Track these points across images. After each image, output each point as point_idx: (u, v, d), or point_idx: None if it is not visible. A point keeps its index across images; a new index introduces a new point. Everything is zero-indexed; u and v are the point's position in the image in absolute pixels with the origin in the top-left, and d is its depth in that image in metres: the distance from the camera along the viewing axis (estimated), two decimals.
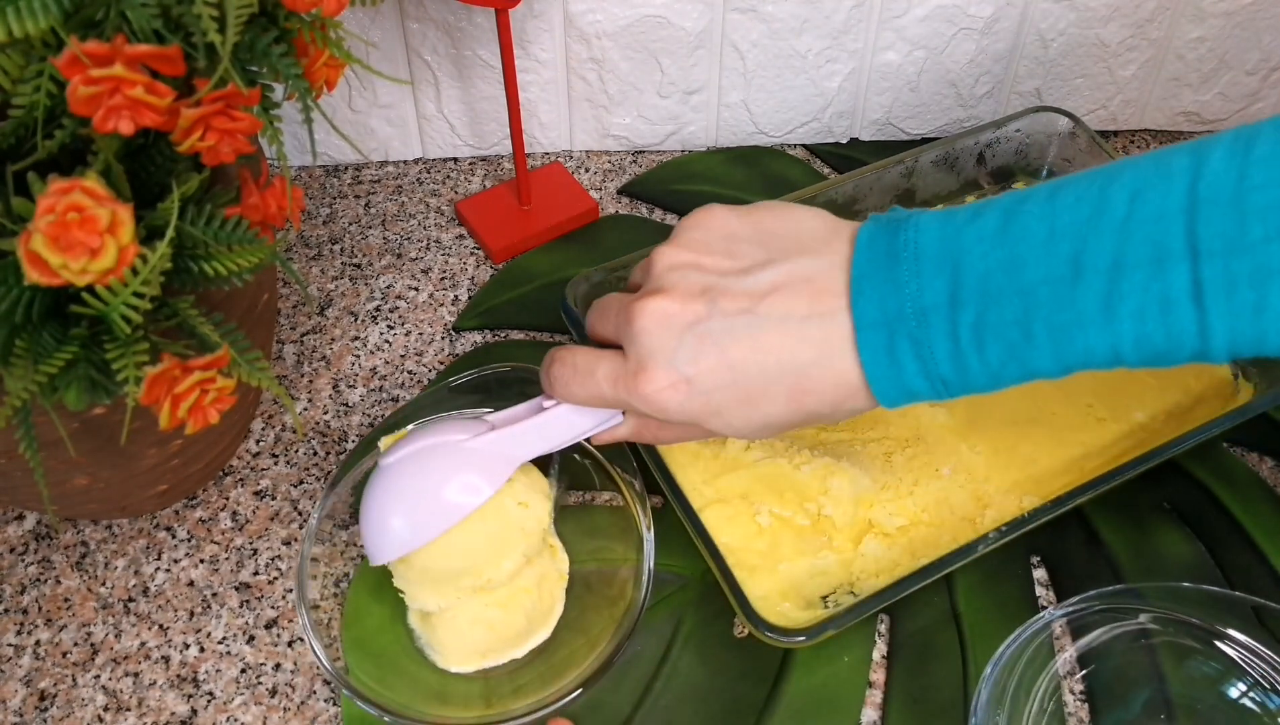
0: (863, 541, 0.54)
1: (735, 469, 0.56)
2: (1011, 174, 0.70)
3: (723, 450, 0.57)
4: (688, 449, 0.57)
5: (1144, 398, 0.59)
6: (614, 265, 0.60)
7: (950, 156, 0.68)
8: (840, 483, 0.55)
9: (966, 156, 0.69)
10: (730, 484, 0.56)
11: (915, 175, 0.67)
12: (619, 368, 0.45)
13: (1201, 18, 0.71)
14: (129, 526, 0.57)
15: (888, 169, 0.66)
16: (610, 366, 0.46)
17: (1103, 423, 0.58)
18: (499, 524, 0.50)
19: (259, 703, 0.51)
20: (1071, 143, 0.68)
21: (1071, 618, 0.51)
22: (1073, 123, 0.68)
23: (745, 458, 0.56)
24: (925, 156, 0.67)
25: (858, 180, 0.65)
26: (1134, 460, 0.53)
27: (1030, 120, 0.68)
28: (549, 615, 0.51)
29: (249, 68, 0.40)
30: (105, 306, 0.38)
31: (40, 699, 0.51)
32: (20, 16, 0.35)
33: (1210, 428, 0.54)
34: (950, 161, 0.68)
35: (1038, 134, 0.69)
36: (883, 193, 0.67)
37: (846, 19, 0.69)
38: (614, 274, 0.60)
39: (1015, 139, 0.69)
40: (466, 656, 0.49)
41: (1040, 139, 0.69)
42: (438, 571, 0.49)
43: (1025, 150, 0.69)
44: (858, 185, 0.65)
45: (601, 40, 0.69)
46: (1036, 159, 0.70)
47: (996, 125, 0.68)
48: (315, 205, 0.73)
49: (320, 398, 0.62)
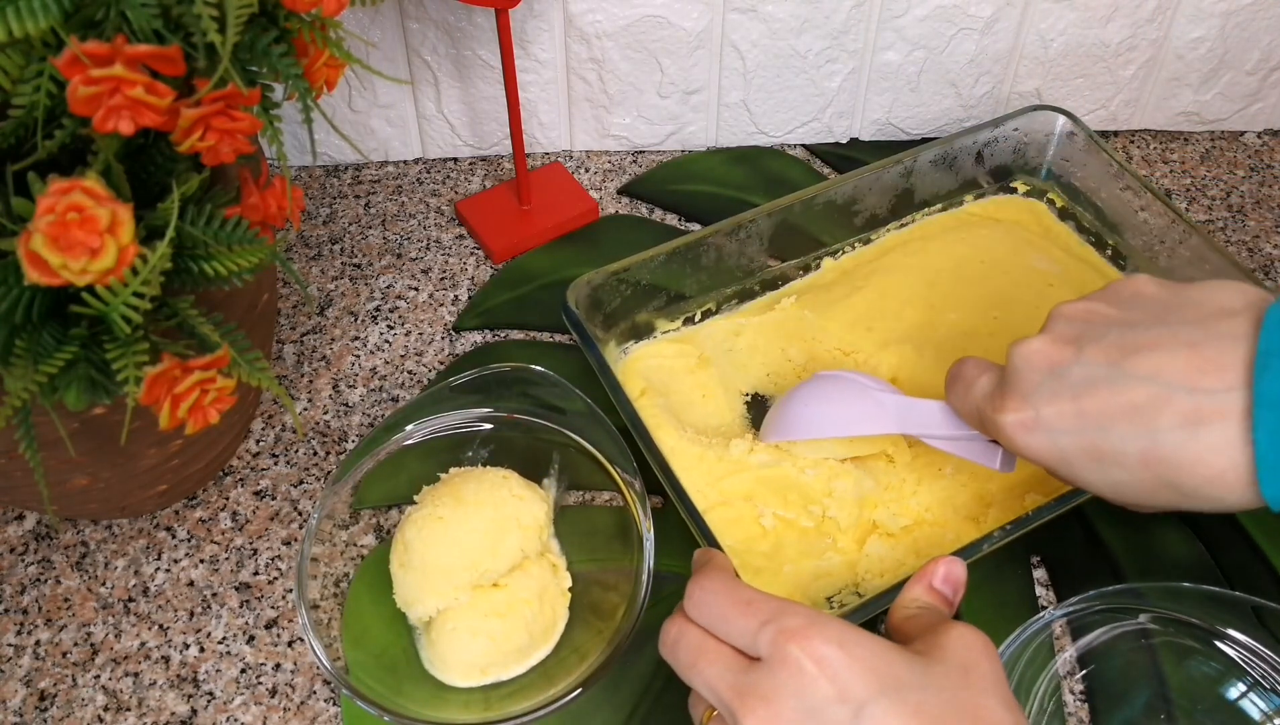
0: (867, 542, 0.54)
1: (739, 472, 0.56)
2: (1010, 173, 0.71)
3: (726, 453, 0.57)
4: (691, 452, 0.57)
5: None
6: (615, 268, 0.60)
7: (949, 156, 0.68)
8: (844, 484, 0.55)
9: (965, 156, 0.69)
10: (734, 486, 0.56)
11: (914, 175, 0.67)
12: (992, 389, 0.46)
13: (1201, 18, 0.71)
14: (129, 526, 0.57)
15: (887, 169, 0.66)
16: (985, 386, 0.47)
17: None
18: (495, 514, 0.51)
19: (259, 703, 0.51)
20: (1070, 142, 0.68)
21: (1071, 618, 0.51)
22: (1071, 122, 0.68)
23: (749, 461, 0.56)
24: (924, 156, 0.67)
25: (857, 180, 0.65)
26: None
27: (1028, 119, 0.68)
28: (550, 631, 0.51)
29: (249, 68, 0.40)
30: (105, 306, 0.38)
31: (40, 699, 0.51)
32: (20, 16, 0.35)
33: None
34: (949, 161, 0.68)
35: (1036, 133, 0.69)
36: (882, 193, 0.67)
37: (846, 19, 0.69)
38: (615, 277, 0.60)
39: (1013, 138, 0.69)
40: (468, 671, 0.49)
41: (1039, 138, 0.69)
42: (436, 567, 0.49)
43: (1023, 149, 0.70)
44: (857, 185, 0.66)
45: (601, 40, 0.69)
46: (1035, 158, 0.70)
47: (995, 124, 0.68)
48: (315, 205, 0.73)
49: (320, 398, 0.62)
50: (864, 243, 0.68)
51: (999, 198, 0.71)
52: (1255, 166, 0.76)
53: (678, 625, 0.41)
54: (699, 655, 0.39)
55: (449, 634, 0.49)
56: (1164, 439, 0.40)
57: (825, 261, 0.67)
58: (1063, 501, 0.51)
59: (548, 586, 0.51)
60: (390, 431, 0.54)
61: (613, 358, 0.61)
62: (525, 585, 0.50)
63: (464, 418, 0.56)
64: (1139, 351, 0.41)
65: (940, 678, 0.37)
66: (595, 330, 0.59)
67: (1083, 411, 0.42)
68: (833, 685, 0.36)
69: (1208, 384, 0.39)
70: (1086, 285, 0.64)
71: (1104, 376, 0.42)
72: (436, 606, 0.49)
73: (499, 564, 0.50)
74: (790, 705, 0.36)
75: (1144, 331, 0.42)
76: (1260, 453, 0.38)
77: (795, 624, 0.38)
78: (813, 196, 0.64)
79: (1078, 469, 0.43)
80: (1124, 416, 0.41)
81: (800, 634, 0.37)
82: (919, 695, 0.36)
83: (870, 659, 0.37)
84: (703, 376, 0.61)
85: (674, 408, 0.59)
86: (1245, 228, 0.72)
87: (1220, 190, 0.74)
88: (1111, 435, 0.41)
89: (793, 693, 0.37)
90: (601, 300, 0.60)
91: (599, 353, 0.56)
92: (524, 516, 0.52)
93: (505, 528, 0.51)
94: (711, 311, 0.65)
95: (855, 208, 0.67)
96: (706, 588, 0.40)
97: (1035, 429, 0.43)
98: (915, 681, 0.37)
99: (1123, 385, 0.41)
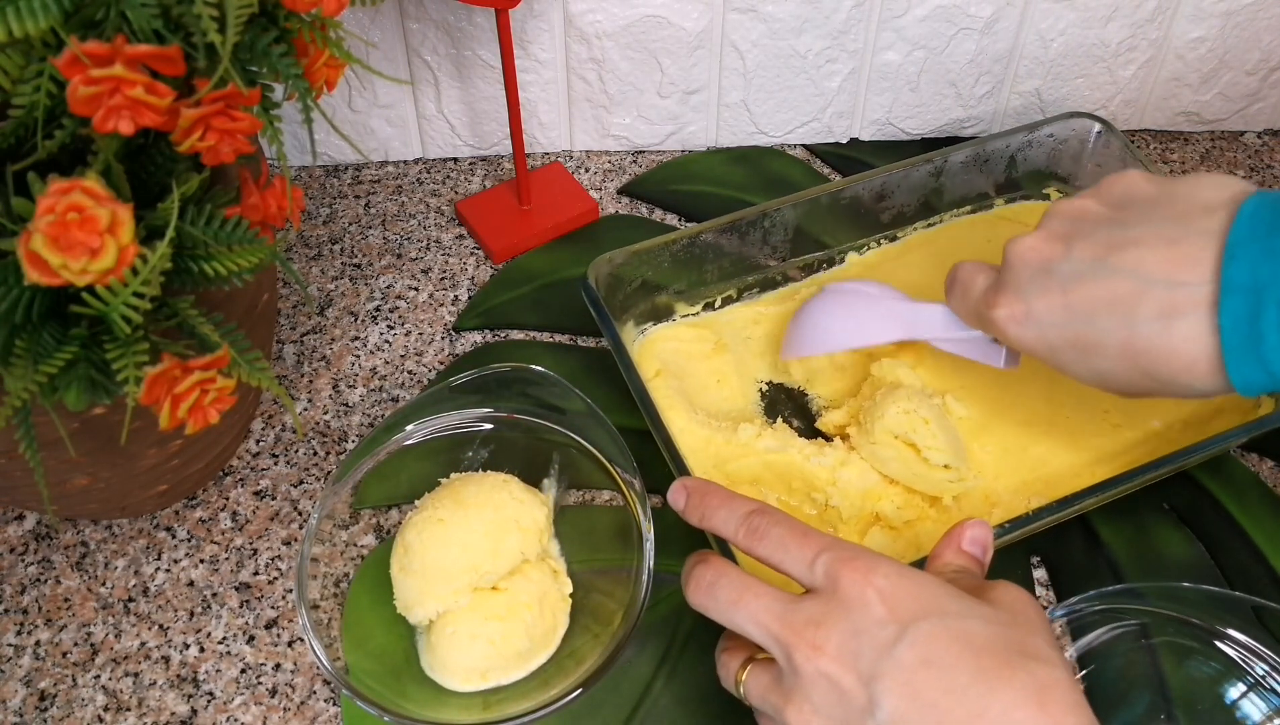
0: (868, 533, 0.54)
1: (746, 456, 0.56)
2: (1043, 179, 0.70)
3: (734, 437, 0.57)
4: (700, 434, 0.57)
5: (1162, 405, 0.59)
6: (638, 249, 0.60)
7: (981, 157, 0.67)
8: (849, 474, 0.55)
9: (998, 159, 0.68)
10: (740, 470, 0.56)
11: (944, 175, 0.67)
12: (988, 287, 0.48)
13: (1201, 18, 0.71)
14: (129, 526, 0.57)
15: (916, 166, 0.66)
16: (984, 283, 0.49)
17: (1118, 429, 0.58)
18: (495, 516, 0.51)
19: (259, 703, 0.51)
20: (1105, 150, 0.67)
21: (1071, 618, 0.51)
22: (1106, 128, 0.67)
23: (756, 446, 0.57)
24: (955, 156, 0.66)
25: (885, 176, 0.65)
26: (1146, 465, 0.52)
27: (1063, 125, 0.68)
28: (551, 636, 0.51)
29: (249, 68, 0.40)
30: (105, 306, 0.38)
31: (40, 699, 0.51)
32: (20, 16, 0.35)
33: (1227, 438, 0.53)
34: (980, 163, 0.68)
35: (1071, 139, 0.68)
36: (910, 191, 0.67)
37: (846, 19, 0.69)
38: (636, 256, 0.60)
39: (1048, 144, 0.68)
40: (468, 676, 0.49)
41: (1073, 144, 0.68)
42: (436, 568, 0.49)
43: (1058, 155, 0.69)
44: (885, 182, 0.65)
45: (601, 40, 0.69)
46: (1069, 164, 0.69)
47: (1029, 129, 0.67)
48: (315, 205, 0.73)
49: (320, 398, 0.62)
50: (890, 240, 0.68)
51: (1030, 203, 0.70)
52: (1255, 166, 0.76)
53: (713, 568, 0.42)
54: (744, 591, 0.40)
55: (448, 638, 0.49)
56: (1141, 330, 0.42)
57: (850, 256, 0.67)
58: (1065, 504, 0.51)
59: (548, 591, 0.51)
60: (390, 431, 0.54)
61: (630, 338, 0.62)
62: (525, 589, 0.50)
63: (464, 418, 0.56)
64: (1123, 247, 0.43)
65: (990, 614, 0.38)
66: (614, 309, 0.59)
67: (1069, 304, 0.44)
68: (884, 607, 0.37)
69: (1183, 277, 0.41)
70: None
71: (1089, 271, 0.44)
72: (436, 609, 0.49)
73: (499, 566, 0.50)
74: (840, 628, 0.38)
75: (1130, 229, 0.44)
76: (1225, 337, 0.40)
77: (852, 554, 0.39)
78: (840, 190, 0.64)
79: (1064, 359, 0.46)
80: (1106, 308, 0.43)
81: (857, 562, 0.39)
82: (965, 623, 0.37)
83: (922, 589, 0.38)
84: (719, 362, 0.62)
85: (687, 391, 0.60)
86: None
87: None
88: (1094, 326, 0.44)
89: (844, 616, 0.38)
90: (622, 280, 0.60)
91: (615, 330, 0.56)
92: (524, 519, 0.52)
93: (505, 529, 0.51)
94: (732, 298, 0.65)
95: (883, 204, 0.66)
96: (771, 517, 0.42)
97: (1026, 322, 0.46)
98: (964, 612, 0.38)
99: (1106, 279, 0.43)
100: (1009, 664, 0.36)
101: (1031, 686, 0.36)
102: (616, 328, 0.57)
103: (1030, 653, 0.37)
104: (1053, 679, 0.36)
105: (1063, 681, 0.36)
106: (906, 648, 0.37)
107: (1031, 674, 0.36)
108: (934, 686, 0.36)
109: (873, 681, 0.37)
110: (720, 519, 0.43)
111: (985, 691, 0.36)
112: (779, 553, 0.41)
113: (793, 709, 0.38)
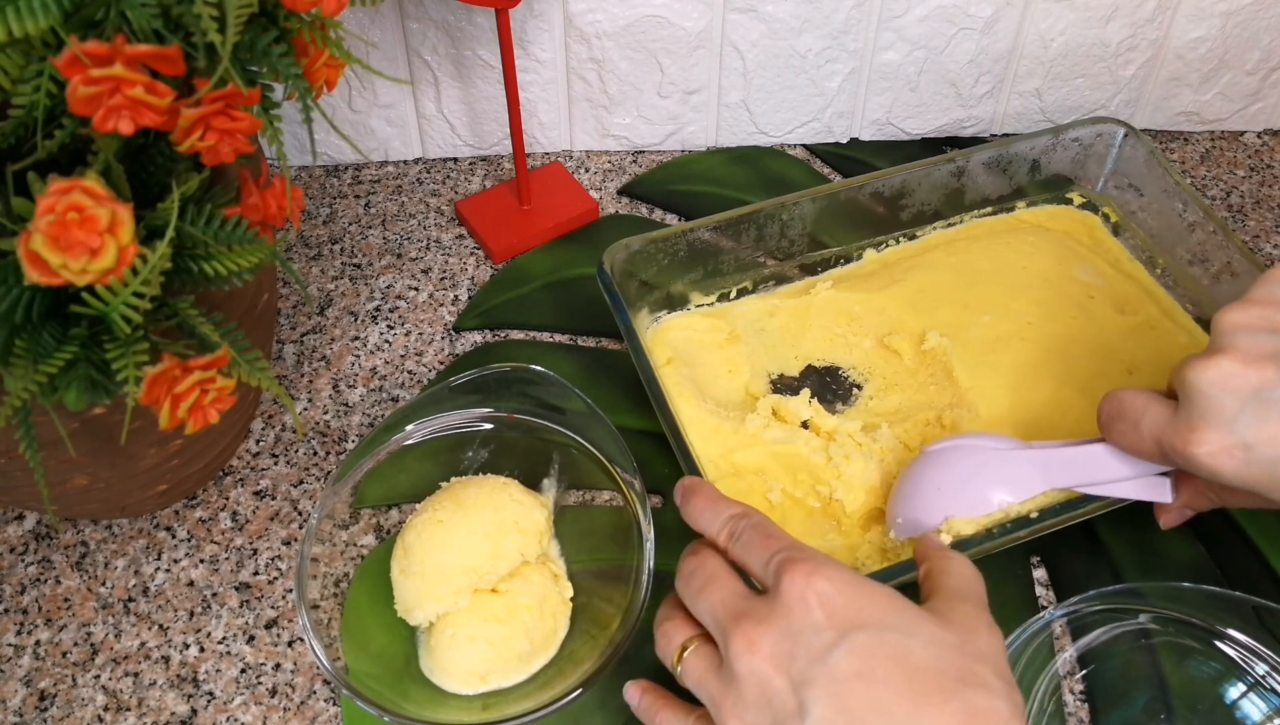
0: (870, 528, 0.54)
1: (753, 446, 0.56)
2: (1066, 182, 0.69)
3: (742, 426, 0.57)
4: (708, 423, 0.57)
5: None
6: (655, 236, 0.60)
7: (1003, 159, 0.67)
8: (854, 469, 0.55)
9: (1020, 162, 0.68)
10: (746, 460, 0.56)
11: (966, 175, 0.67)
12: (1167, 422, 0.43)
13: (1201, 18, 0.71)
14: (129, 526, 0.57)
15: (938, 166, 0.65)
16: (1158, 418, 0.44)
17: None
18: (495, 517, 0.51)
19: (259, 703, 0.51)
20: (1130, 156, 0.67)
21: (1071, 618, 0.51)
22: (1133, 135, 0.66)
23: (764, 436, 0.57)
24: (977, 157, 0.66)
25: (906, 174, 0.65)
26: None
27: (1089, 130, 0.67)
28: (551, 639, 0.51)
29: (249, 68, 0.40)
30: (105, 306, 0.38)
31: (40, 699, 0.51)
32: (20, 16, 0.35)
33: None
34: (1003, 165, 0.67)
35: (1096, 143, 0.68)
36: (931, 189, 0.66)
37: (846, 19, 0.69)
38: (653, 243, 0.60)
39: (1072, 147, 0.68)
40: (467, 679, 0.49)
41: (1098, 148, 0.68)
42: (436, 569, 0.49)
43: (1082, 159, 0.68)
44: (906, 180, 0.65)
45: (601, 40, 0.69)
46: (1093, 170, 0.69)
47: (1054, 132, 0.67)
48: (315, 205, 0.73)
49: (320, 398, 0.62)
50: (909, 238, 0.68)
51: (1052, 207, 0.70)
52: (1255, 166, 0.76)
53: (699, 557, 0.42)
54: (710, 581, 0.41)
55: (448, 640, 0.49)
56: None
57: (868, 252, 0.67)
58: (1067, 507, 0.51)
59: (548, 594, 0.51)
60: (390, 431, 0.54)
61: (643, 325, 0.62)
62: (525, 592, 0.50)
63: (464, 418, 0.56)
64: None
65: (936, 634, 0.37)
66: (627, 297, 0.59)
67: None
68: (822, 611, 0.37)
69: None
70: (1128, 301, 0.63)
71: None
72: (436, 611, 0.49)
73: (499, 567, 0.50)
74: (778, 628, 0.38)
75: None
76: None
77: (803, 557, 0.39)
78: (860, 186, 0.64)
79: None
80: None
81: (803, 564, 0.39)
82: (906, 640, 0.37)
83: (867, 600, 0.38)
84: (731, 352, 0.62)
85: (698, 380, 0.60)
86: (1245, 228, 0.72)
87: (1220, 190, 0.74)
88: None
89: (782, 616, 0.38)
90: (637, 267, 0.61)
91: (627, 316, 0.56)
92: (523, 521, 0.51)
93: (505, 530, 0.51)
94: (748, 290, 0.65)
95: (903, 202, 0.66)
96: (748, 520, 0.42)
97: (1244, 457, 0.41)
98: (908, 628, 0.37)
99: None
100: (942, 690, 0.36)
101: (963, 714, 0.35)
102: (630, 314, 0.57)
103: (970, 679, 0.36)
104: (988, 707, 0.35)
105: (998, 710, 0.35)
106: (842, 656, 0.36)
107: (966, 701, 0.35)
108: (862, 700, 0.36)
109: (803, 687, 0.36)
110: (706, 521, 0.44)
111: (913, 713, 0.35)
112: (746, 554, 0.41)
113: (727, 702, 0.38)
